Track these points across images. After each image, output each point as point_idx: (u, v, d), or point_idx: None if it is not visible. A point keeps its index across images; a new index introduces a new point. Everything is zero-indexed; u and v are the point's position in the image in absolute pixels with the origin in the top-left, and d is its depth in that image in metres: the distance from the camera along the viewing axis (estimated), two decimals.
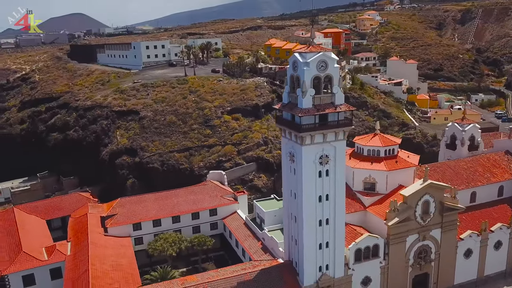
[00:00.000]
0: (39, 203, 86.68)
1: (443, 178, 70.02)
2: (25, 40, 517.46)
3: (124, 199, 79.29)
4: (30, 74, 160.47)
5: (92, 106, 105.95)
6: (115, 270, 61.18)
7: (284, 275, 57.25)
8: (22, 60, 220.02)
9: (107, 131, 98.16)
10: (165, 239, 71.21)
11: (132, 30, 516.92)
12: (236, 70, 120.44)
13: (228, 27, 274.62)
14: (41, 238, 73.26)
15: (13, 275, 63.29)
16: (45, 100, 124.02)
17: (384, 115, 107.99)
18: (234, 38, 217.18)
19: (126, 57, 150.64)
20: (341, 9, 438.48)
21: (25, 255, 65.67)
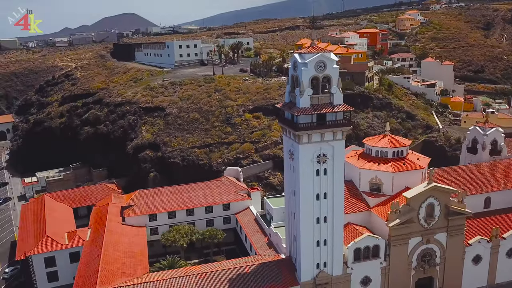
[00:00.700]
0: (68, 192, 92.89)
1: (456, 182, 68.89)
2: (77, 38, 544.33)
3: (143, 191, 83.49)
4: (73, 71, 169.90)
5: (122, 102, 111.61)
6: (127, 257, 64.96)
7: (283, 270, 58.69)
8: (69, 58, 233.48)
9: (134, 126, 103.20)
10: (178, 231, 74.38)
11: (178, 29, 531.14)
12: (262, 70, 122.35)
13: (266, 27, 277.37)
14: (65, 224, 78.75)
15: (36, 257, 68.82)
16: (83, 95, 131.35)
17: (408, 117, 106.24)
18: (269, 38, 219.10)
19: (160, 56, 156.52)
20: (387, 8, 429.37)
21: (48, 238, 71.12)
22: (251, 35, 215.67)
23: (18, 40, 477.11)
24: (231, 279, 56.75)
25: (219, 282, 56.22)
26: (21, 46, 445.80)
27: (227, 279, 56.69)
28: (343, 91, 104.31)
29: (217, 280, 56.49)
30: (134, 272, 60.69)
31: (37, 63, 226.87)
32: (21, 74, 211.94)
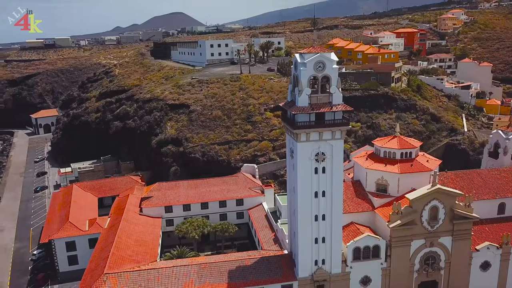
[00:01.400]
0: (95, 182, 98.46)
1: (469, 186, 67.49)
2: (125, 37, 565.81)
3: (161, 183, 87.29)
4: (112, 68, 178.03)
5: (150, 99, 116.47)
6: (138, 245, 68.60)
7: (283, 265, 60.07)
8: (112, 56, 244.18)
9: (160, 122, 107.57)
10: (191, 223, 77.32)
11: (222, 28, 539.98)
12: (288, 69, 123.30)
13: (305, 26, 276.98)
14: (88, 212, 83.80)
15: (58, 241, 74.05)
16: (118, 92, 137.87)
17: (434, 119, 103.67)
18: (304, 37, 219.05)
19: (193, 55, 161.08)
20: (434, 7, 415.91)
21: (70, 224, 76.27)
22: (285, 34, 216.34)
23: (71, 39, 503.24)
24: (230, 270, 58.85)
25: (219, 273, 58.46)
26: (73, 44, 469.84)
27: (227, 270, 58.85)
28: (367, 91, 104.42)
29: (217, 270, 58.78)
30: (143, 259, 64.04)
31: (82, 60, 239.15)
32: (66, 71, 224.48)
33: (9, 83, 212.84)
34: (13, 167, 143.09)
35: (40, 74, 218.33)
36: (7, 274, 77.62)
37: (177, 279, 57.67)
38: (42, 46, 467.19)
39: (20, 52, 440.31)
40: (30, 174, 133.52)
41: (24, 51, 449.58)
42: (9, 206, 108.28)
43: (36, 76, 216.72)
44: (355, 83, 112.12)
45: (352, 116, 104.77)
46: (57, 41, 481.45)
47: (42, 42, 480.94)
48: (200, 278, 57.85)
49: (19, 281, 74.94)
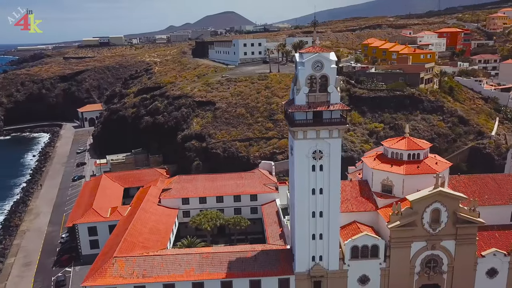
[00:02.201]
0: (123, 173, 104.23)
1: (481, 191, 65.98)
2: (175, 36, 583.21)
3: (181, 176, 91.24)
4: (152, 66, 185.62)
5: (180, 96, 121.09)
6: (151, 233, 72.58)
7: (281, 259, 61.62)
8: (156, 54, 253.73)
9: (186, 118, 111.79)
10: (205, 215, 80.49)
11: (269, 28, 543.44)
12: None
13: (347, 25, 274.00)
14: (112, 200, 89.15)
15: (81, 225, 79.71)
16: (154, 88, 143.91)
17: (461, 122, 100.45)
18: (343, 37, 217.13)
19: (228, 54, 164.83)
20: (490, 6, 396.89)
21: (93, 211, 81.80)
22: (323, 34, 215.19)
23: (124, 37, 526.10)
24: (230, 261, 61.18)
25: (219, 263, 60.98)
26: (126, 43, 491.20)
27: (227, 261, 61.23)
28: (392, 92, 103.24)
29: (217, 260, 61.33)
30: (153, 246, 67.78)
31: (128, 58, 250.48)
32: (112, 68, 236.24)
33: (61, 79, 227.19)
34: (57, 157, 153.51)
35: (89, 70, 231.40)
36: (38, 253, 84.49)
37: (179, 266, 60.82)
38: (98, 44, 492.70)
39: (77, 49, 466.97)
40: (71, 164, 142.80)
41: (81, 48, 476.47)
42: (48, 193, 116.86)
43: (84, 72, 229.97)
44: (381, 84, 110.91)
45: (376, 117, 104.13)
46: (111, 39, 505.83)
47: (98, 40, 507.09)
48: (201, 266, 60.64)
49: (47, 261, 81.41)
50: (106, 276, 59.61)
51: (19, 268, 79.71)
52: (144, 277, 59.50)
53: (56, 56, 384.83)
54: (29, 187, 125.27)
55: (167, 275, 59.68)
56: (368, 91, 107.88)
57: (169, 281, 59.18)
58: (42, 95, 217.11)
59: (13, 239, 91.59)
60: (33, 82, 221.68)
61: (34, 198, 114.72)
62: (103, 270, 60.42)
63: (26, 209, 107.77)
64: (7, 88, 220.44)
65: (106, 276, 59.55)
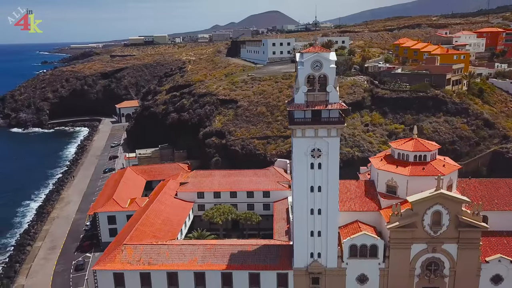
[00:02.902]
0: (147, 167, 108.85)
1: (491, 195, 64.59)
2: (217, 35, 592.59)
3: (198, 171, 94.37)
4: (186, 64, 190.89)
5: (205, 94, 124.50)
6: (164, 224, 75.95)
7: (282, 255, 63.03)
8: (193, 53, 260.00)
9: (209, 115, 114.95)
10: (218, 209, 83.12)
11: (310, 27, 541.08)
12: (340, 68, 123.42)
13: (385, 25, 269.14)
14: (133, 192, 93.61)
15: (101, 214, 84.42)
16: (184, 86, 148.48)
17: (487, 125, 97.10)
18: (378, 36, 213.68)
19: (257, 53, 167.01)
20: None
21: (113, 201, 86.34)
22: (357, 34, 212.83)
23: (168, 36, 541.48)
24: (232, 253, 63.28)
25: (221, 255, 63.22)
26: (169, 41, 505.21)
27: (229, 253, 63.37)
28: (415, 93, 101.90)
29: (220, 252, 63.60)
30: (163, 236, 71.02)
31: (166, 56, 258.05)
32: (150, 66, 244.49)
33: (102, 76, 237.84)
34: (92, 150, 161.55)
35: (128, 68, 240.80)
36: (63, 239, 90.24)
37: (183, 256, 63.58)
38: (142, 42, 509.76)
39: (123, 48, 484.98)
40: (104, 157, 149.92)
41: (127, 47, 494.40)
42: (80, 183, 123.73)
43: (124, 70, 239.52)
44: (405, 84, 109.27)
45: (397, 118, 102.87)
46: (155, 38, 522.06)
47: (143, 39, 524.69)
48: (204, 257, 63.11)
49: (70, 246, 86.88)
50: (115, 261, 63.34)
51: (45, 251, 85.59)
52: (149, 264, 62.68)
53: (104, 54, 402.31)
54: (64, 178, 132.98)
55: (171, 264, 62.57)
56: (390, 91, 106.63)
57: (173, 269, 61.99)
58: (84, 91, 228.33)
59: (43, 225, 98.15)
60: (77, 79, 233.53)
61: (67, 187, 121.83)
62: (113, 256, 64.23)
63: (58, 197, 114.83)
64: (53, 84, 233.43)
65: (115, 262, 63.28)
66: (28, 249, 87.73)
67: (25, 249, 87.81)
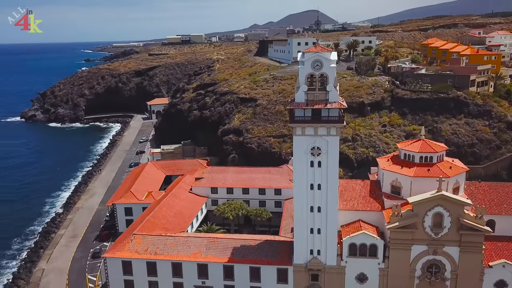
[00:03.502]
0: (167, 162, 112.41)
1: (501, 199, 63.25)
2: (252, 34, 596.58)
3: (213, 167, 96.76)
4: (214, 63, 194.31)
5: (226, 92, 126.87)
6: (175, 217, 78.72)
7: (283, 250, 64.20)
8: (224, 52, 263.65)
9: (229, 113, 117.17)
10: (229, 205, 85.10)
11: (347, 27, 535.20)
12: (363, 68, 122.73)
13: (419, 25, 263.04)
14: (151, 185, 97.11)
15: (119, 205, 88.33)
16: (209, 85, 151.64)
17: (510, 128, 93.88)
18: (409, 36, 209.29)
19: (283, 52, 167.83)
20: None
21: (130, 193, 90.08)
22: (387, 34, 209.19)
23: (205, 35, 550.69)
24: (235, 247, 65.02)
25: (224, 248, 65.09)
26: (205, 41, 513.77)
27: (232, 247, 65.15)
28: (436, 94, 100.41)
29: (222, 246, 65.50)
30: (173, 229, 73.68)
31: (198, 55, 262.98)
32: (181, 64, 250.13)
33: (136, 73, 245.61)
34: (121, 145, 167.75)
35: (160, 66, 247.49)
36: (84, 228, 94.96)
37: (188, 247, 65.93)
38: (180, 41, 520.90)
39: (161, 47, 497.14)
40: (132, 152, 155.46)
41: (164, 46, 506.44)
42: (106, 176, 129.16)
43: (156, 68, 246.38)
44: (427, 85, 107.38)
45: (416, 119, 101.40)
46: (192, 37, 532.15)
47: (180, 38, 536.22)
48: (207, 250, 65.19)
49: (90, 235, 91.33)
50: (124, 250, 66.53)
51: (67, 239, 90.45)
52: (156, 254, 65.41)
53: (143, 53, 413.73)
54: (92, 171, 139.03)
55: (176, 255, 65.04)
56: (410, 92, 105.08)
57: (177, 260, 64.43)
58: (118, 88, 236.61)
59: (68, 214, 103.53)
60: (112, 76, 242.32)
61: (94, 180, 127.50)
62: (122, 245, 67.49)
63: (85, 189, 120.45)
64: (89, 81, 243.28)
65: (124, 251, 66.46)
66: (52, 236, 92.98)
67: (50, 236, 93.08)
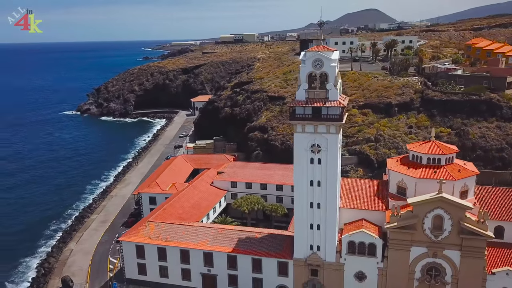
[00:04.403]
0: (196, 156, 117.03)
1: (511, 205, 61.03)
2: (305, 33, 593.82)
3: (235, 162, 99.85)
4: (255, 62, 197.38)
5: (257, 90, 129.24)
6: (192, 207, 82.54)
7: (285, 244, 65.89)
8: (268, 51, 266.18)
9: (258, 111, 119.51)
10: (246, 199, 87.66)
11: (403, 26, 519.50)
12: (396, 68, 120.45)
13: (473, 24, 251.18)
14: (177, 177, 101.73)
15: (144, 194, 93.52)
16: (246, 83, 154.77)
17: None
18: (458, 36, 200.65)
19: None
20: None
21: (155, 184, 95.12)
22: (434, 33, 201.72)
23: (258, 34, 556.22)
24: (240, 238, 67.66)
25: (229, 239, 67.92)
26: (257, 40, 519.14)
27: (237, 238, 67.83)
28: (467, 96, 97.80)
29: (228, 236, 68.36)
30: (188, 218, 77.48)
31: (243, 54, 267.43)
32: (226, 63, 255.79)
33: (183, 71, 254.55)
34: (162, 139, 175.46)
35: (206, 65, 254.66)
36: (114, 215, 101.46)
37: (197, 236, 69.41)
38: (232, 40, 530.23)
39: (214, 45, 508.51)
40: (171, 146, 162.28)
41: (217, 44, 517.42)
42: (142, 168, 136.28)
43: (202, 66, 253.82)
44: (460, 87, 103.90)
45: (445, 121, 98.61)
46: (245, 36, 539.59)
47: (233, 37, 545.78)
48: (214, 239, 68.29)
49: (118, 221, 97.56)
50: (138, 235, 71.23)
51: (97, 223, 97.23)
52: (166, 241, 69.45)
53: (197, 51, 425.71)
54: (132, 162, 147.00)
55: (184, 242, 68.75)
56: (441, 93, 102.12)
57: (185, 247, 68.10)
58: (165, 85, 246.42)
59: (102, 201, 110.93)
60: (160, 73, 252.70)
61: (131, 171, 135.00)
62: (137, 231, 72.27)
63: (121, 178, 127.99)
64: (140, 78, 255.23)
65: (138, 236, 71.16)
66: (85, 220, 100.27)
67: (83, 220, 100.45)
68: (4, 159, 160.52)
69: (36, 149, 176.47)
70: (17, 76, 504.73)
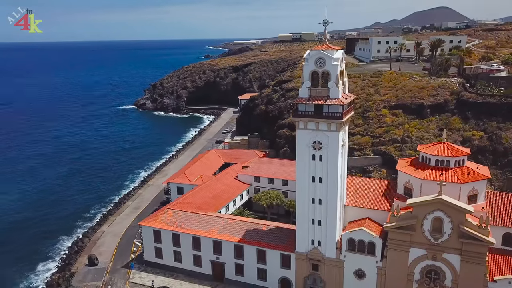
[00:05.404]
0: (227, 151, 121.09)
1: None
2: (364, 32, 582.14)
3: (260, 158, 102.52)
4: (301, 61, 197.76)
5: (292, 89, 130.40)
6: (212, 198, 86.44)
7: (289, 238, 67.66)
8: None
9: (289, 108, 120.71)
10: (266, 194, 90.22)
11: (472, 24, 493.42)
12: (434, 69, 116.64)
13: None
14: (206, 170, 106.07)
15: (172, 184, 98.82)
16: (286, 81, 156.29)
17: None
18: None
19: (365, 51, 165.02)
20: None
21: (184, 175, 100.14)
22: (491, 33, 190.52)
23: (317, 33, 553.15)
24: (248, 229, 70.39)
25: (238, 229, 70.87)
26: (316, 39, 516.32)
27: (245, 229, 70.62)
28: (505, 98, 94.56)
29: (237, 227, 71.33)
30: (206, 208, 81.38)
31: (292, 53, 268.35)
32: (275, 61, 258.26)
33: (233, 69, 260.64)
34: (206, 134, 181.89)
35: (255, 63, 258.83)
36: (147, 202, 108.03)
37: (208, 225, 73.07)
38: (290, 39, 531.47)
39: (272, 44, 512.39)
40: (213, 141, 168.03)
41: (275, 43, 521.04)
42: (182, 161, 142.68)
43: (252, 64, 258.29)
44: (499, 88, 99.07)
45: (479, 124, 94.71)
46: (303, 35, 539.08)
47: (291, 36, 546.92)
48: (223, 229, 71.59)
49: (151, 209, 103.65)
50: (156, 221, 76.24)
51: (131, 209, 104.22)
52: (180, 227, 73.79)
53: (256, 50, 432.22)
54: (174, 155, 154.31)
55: (196, 230, 72.67)
56: (477, 95, 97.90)
57: (197, 235, 72.00)
58: (216, 82, 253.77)
59: (139, 189, 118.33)
60: (212, 71, 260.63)
61: (171, 163, 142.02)
62: (156, 217, 77.35)
63: (161, 170, 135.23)
64: (193, 75, 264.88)
65: (156, 221, 76.18)
66: (121, 205, 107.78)
67: (120, 206, 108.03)
68: (65, 150, 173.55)
69: (93, 140, 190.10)
70: (97, 73, 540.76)
